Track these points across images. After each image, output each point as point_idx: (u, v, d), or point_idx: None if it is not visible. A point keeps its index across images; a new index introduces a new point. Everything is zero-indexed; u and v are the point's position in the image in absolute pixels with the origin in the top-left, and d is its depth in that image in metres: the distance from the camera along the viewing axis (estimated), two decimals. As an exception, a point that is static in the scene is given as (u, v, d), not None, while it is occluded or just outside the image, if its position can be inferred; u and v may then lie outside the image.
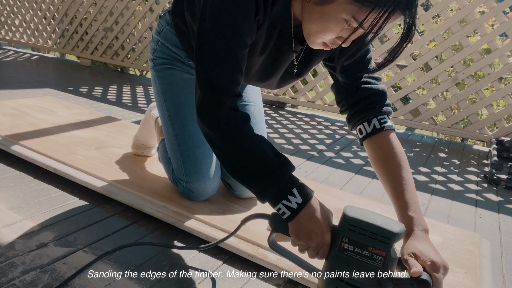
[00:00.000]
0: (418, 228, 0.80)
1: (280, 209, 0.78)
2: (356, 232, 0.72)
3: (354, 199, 1.36)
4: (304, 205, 0.77)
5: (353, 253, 0.72)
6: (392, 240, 0.70)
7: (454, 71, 3.24)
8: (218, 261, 0.99)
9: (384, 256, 0.70)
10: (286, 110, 3.16)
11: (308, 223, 0.76)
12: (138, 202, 1.16)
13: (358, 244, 0.72)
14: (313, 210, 0.77)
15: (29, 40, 4.57)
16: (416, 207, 0.84)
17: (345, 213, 0.74)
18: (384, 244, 0.70)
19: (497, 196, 1.73)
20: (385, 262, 0.70)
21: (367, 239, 0.71)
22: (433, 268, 0.70)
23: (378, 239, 0.70)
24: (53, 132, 1.65)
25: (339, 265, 0.73)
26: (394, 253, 0.71)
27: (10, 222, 1.05)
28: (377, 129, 0.93)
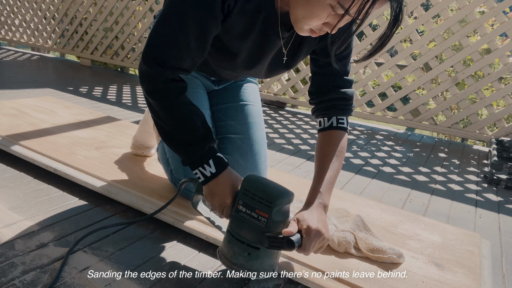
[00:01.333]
0: (317, 201, 0.93)
1: (197, 174, 0.91)
2: (249, 196, 0.85)
3: (354, 199, 1.36)
4: (216, 175, 0.90)
5: (245, 214, 0.86)
6: (274, 205, 0.82)
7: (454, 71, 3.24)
8: (218, 261, 0.99)
9: (267, 218, 0.82)
10: (286, 110, 3.16)
11: (216, 188, 0.91)
12: (138, 202, 1.16)
13: (248, 206, 0.85)
14: (222, 179, 0.90)
15: (29, 40, 4.57)
16: (328, 187, 0.97)
17: (244, 179, 0.87)
18: (267, 208, 0.82)
19: (497, 196, 1.73)
20: (268, 223, 0.83)
21: (255, 203, 0.84)
22: (305, 232, 0.84)
23: (263, 203, 0.83)
24: (53, 132, 1.65)
25: (234, 223, 0.88)
26: (278, 216, 0.83)
27: (10, 222, 1.05)
28: (333, 126, 1.04)
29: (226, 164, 0.92)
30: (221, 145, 1.23)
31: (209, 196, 0.92)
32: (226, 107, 1.27)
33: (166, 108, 0.90)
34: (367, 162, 2.01)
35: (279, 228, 0.84)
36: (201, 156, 0.90)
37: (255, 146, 1.22)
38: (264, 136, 1.29)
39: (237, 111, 1.26)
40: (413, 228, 1.19)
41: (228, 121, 1.25)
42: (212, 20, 0.85)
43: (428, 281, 0.94)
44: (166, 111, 0.90)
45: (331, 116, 1.05)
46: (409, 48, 2.68)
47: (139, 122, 2.20)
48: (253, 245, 0.85)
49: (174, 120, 0.90)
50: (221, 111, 1.27)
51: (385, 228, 1.17)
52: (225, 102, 1.27)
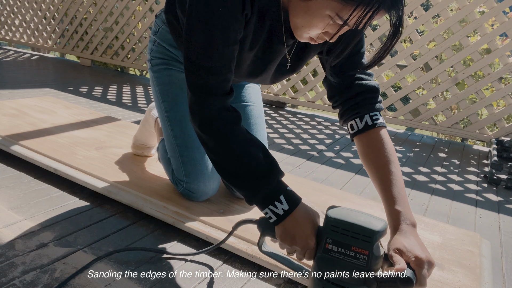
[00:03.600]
0: (405, 223, 0.80)
1: (267, 213, 0.81)
2: (339, 233, 0.73)
3: (354, 199, 1.36)
4: (290, 212, 0.79)
5: (337, 253, 0.74)
6: (374, 239, 0.71)
7: (454, 71, 3.24)
8: (218, 261, 0.99)
9: (367, 255, 0.71)
10: (286, 110, 3.16)
11: (293, 228, 0.79)
12: (138, 202, 1.16)
13: (341, 244, 0.73)
14: (298, 216, 0.79)
15: (29, 40, 4.57)
16: (404, 201, 0.84)
17: (328, 215, 0.75)
18: (366, 243, 0.71)
19: (497, 196, 1.73)
20: (369, 260, 0.71)
21: (349, 239, 0.72)
22: (417, 264, 0.71)
23: (360, 239, 0.71)
24: (53, 132, 1.65)
25: (325, 266, 0.75)
26: (378, 250, 0.72)
27: (10, 222, 1.05)
28: (369, 125, 0.93)
29: (299, 199, 0.82)
30: None
31: (286, 239, 0.80)
32: None
33: (221, 142, 0.82)
34: (367, 162, 2.01)
35: (379, 264, 0.74)
36: (270, 193, 0.80)
37: None
38: (265, 137, 1.29)
39: (246, 109, 1.26)
40: (413, 228, 1.19)
41: None
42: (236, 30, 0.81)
43: (428, 281, 0.94)
44: (222, 145, 0.82)
45: (363, 115, 0.94)
46: (409, 48, 2.69)
47: (139, 122, 2.20)
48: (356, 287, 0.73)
49: (233, 155, 0.82)
50: None
51: (385, 228, 1.17)
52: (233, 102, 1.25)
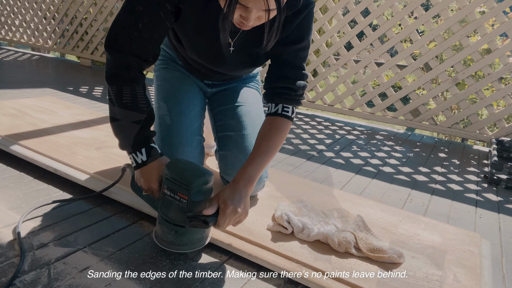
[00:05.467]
0: (241, 179, 0.98)
1: (130, 159, 1.02)
2: (171, 181, 0.93)
3: (354, 199, 1.36)
4: (146, 163, 1.00)
5: (169, 197, 0.94)
6: (191, 187, 0.89)
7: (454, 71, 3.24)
8: (218, 261, 0.99)
9: (187, 200, 0.91)
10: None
11: (144, 174, 1.01)
12: (138, 202, 1.16)
13: (172, 190, 0.93)
14: (152, 167, 1.00)
15: (29, 40, 4.57)
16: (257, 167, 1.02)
17: (166, 166, 0.95)
18: (186, 190, 0.90)
19: (497, 196, 1.73)
20: (188, 204, 0.91)
21: (176, 186, 0.92)
22: (222, 210, 0.91)
23: (182, 186, 0.91)
24: (53, 132, 1.65)
25: (162, 205, 0.97)
26: (197, 196, 0.91)
27: (10, 222, 1.05)
28: (278, 113, 1.10)
29: (158, 155, 1.01)
30: (222, 142, 1.28)
31: (138, 181, 1.05)
32: (225, 108, 1.32)
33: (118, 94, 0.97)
34: (367, 162, 2.01)
35: (200, 207, 0.92)
36: (135, 144, 0.99)
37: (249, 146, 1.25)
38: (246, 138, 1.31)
39: (235, 111, 1.31)
40: (413, 228, 1.19)
41: (227, 120, 1.30)
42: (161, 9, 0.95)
43: (427, 281, 0.94)
44: (119, 96, 0.97)
45: (277, 103, 1.10)
46: (409, 48, 2.68)
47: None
48: (178, 224, 0.94)
49: (122, 106, 0.98)
50: (221, 112, 1.33)
51: (385, 228, 1.17)
52: (224, 104, 1.33)
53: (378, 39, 2.81)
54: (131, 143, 0.99)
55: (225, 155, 1.25)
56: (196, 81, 1.33)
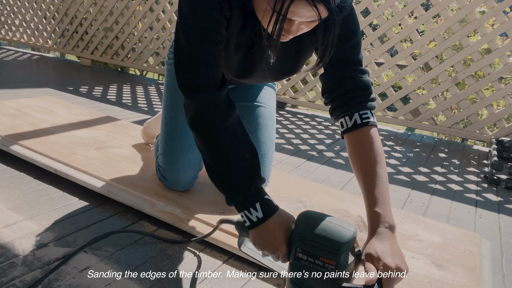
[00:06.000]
0: (383, 225, 0.80)
1: (242, 217, 0.83)
2: (307, 244, 0.74)
3: (354, 199, 1.36)
4: (263, 221, 0.81)
5: (307, 262, 0.75)
6: (340, 251, 0.71)
7: (454, 71, 3.24)
8: (218, 261, 0.99)
9: (335, 265, 0.72)
10: (286, 110, 3.16)
11: (265, 235, 0.81)
12: (138, 202, 1.16)
13: (310, 254, 0.74)
14: (271, 224, 0.81)
15: (29, 40, 4.57)
16: (385, 203, 0.83)
17: (296, 223, 0.77)
18: (333, 255, 0.72)
19: (497, 196, 1.73)
20: (337, 270, 0.72)
21: (317, 250, 0.73)
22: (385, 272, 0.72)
23: (327, 250, 0.72)
24: (53, 132, 1.65)
25: (296, 272, 0.76)
26: (346, 260, 0.73)
27: (10, 223, 1.05)
28: (358, 124, 0.90)
29: (275, 208, 0.83)
30: None
31: (258, 244, 0.83)
32: (239, 105, 1.27)
33: (207, 140, 0.84)
34: (367, 162, 2.00)
35: (349, 269, 0.75)
36: (247, 198, 0.82)
37: (262, 147, 1.24)
38: (273, 139, 1.29)
39: (249, 110, 1.27)
40: (413, 228, 1.19)
41: None
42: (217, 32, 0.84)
43: (428, 281, 0.94)
44: (208, 143, 0.84)
45: (352, 113, 0.91)
46: (409, 48, 2.68)
47: (139, 122, 2.20)
48: None
49: (217, 155, 0.84)
50: None
51: (385, 228, 1.17)
52: (238, 101, 1.28)
53: (378, 39, 2.81)
54: (240, 198, 0.82)
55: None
56: None
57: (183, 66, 0.86)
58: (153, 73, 4.41)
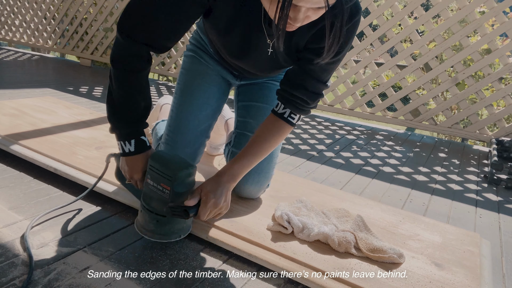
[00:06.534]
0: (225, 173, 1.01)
1: (118, 145, 1.02)
2: (154, 171, 0.95)
3: (354, 199, 1.36)
4: (132, 154, 1.01)
5: (152, 187, 0.97)
6: (174, 178, 0.92)
7: (454, 71, 3.24)
8: (218, 261, 0.99)
9: (169, 190, 0.93)
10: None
11: (129, 163, 1.03)
12: (138, 202, 1.16)
13: (155, 180, 0.96)
14: (137, 157, 1.01)
15: (29, 40, 4.57)
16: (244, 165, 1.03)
17: (150, 156, 0.97)
18: (169, 181, 0.92)
19: (497, 196, 1.73)
20: (171, 194, 0.93)
21: (159, 177, 0.94)
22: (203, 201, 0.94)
23: (166, 177, 0.93)
24: (53, 132, 1.65)
25: (144, 195, 1.00)
26: (180, 187, 0.93)
27: (10, 222, 1.05)
28: (283, 117, 1.06)
29: (146, 148, 1.02)
30: (237, 140, 1.27)
31: (122, 169, 1.06)
32: (250, 105, 1.29)
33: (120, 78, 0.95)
34: (367, 162, 2.01)
35: (182, 198, 0.94)
36: (127, 133, 1.00)
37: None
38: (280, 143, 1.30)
39: (259, 111, 1.28)
40: (413, 228, 1.19)
41: (248, 118, 1.28)
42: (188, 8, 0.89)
43: (428, 281, 0.94)
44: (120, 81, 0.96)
45: (286, 107, 1.06)
46: (409, 48, 2.68)
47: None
48: (159, 213, 0.96)
49: (122, 92, 0.96)
50: (245, 107, 1.30)
51: (385, 228, 1.17)
52: (250, 100, 1.30)
53: (378, 39, 2.81)
54: (122, 130, 0.99)
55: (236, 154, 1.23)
56: (223, 73, 1.27)
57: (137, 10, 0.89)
58: (153, 73, 4.41)
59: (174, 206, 0.93)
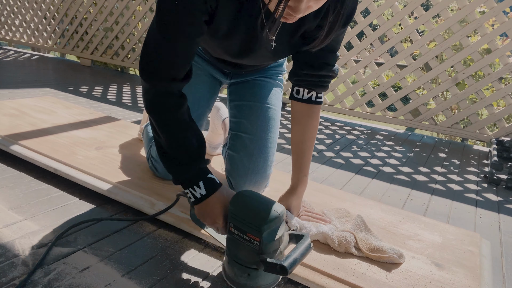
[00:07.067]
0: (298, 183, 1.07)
1: (188, 194, 0.93)
2: (237, 220, 0.83)
3: (354, 199, 1.36)
4: (206, 197, 0.91)
5: (238, 236, 0.84)
6: (262, 229, 0.79)
7: (454, 71, 3.24)
8: (218, 261, 0.99)
9: (259, 241, 0.80)
10: (286, 110, 3.16)
11: (206, 209, 0.92)
12: (138, 202, 1.16)
13: (240, 230, 0.83)
14: (212, 200, 0.91)
15: (29, 40, 4.57)
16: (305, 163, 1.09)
17: (230, 202, 0.85)
18: (257, 232, 0.80)
19: (497, 196, 1.73)
20: (261, 246, 0.80)
21: (245, 226, 0.82)
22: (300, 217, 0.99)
23: (252, 227, 0.80)
24: (53, 132, 1.65)
25: (230, 245, 0.87)
26: (270, 237, 0.80)
27: (10, 222, 1.05)
28: (312, 100, 1.07)
29: (218, 186, 0.92)
30: (232, 141, 1.25)
31: (201, 217, 0.94)
32: (242, 104, 1.27)
33: (161, 125, 0.90)
34: (367, 162, 2.01)
35: (274, 246, 0.82)
36: (192, 177, 0.91)
37: (262, 149, 1.22)
38: (275, 140, 1.28)
39: (252, 110, 1.25)
40: (413, 228, 1.19)
41: (241, 118, 1.25)
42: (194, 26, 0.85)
43: (428, 281, 0.94)
44: (161, 128, 0.90)
45: (311, 90, 1.06)
46: (409, 48, 2.68)
47: (139, 122, 2.20)
48: (250, 266, 0.83)
49: (168, 138, 0.91)
50: (238, 107, 1.28)
51: (385, 228, 1.17)
52: (242, 99, 1.28)
53: (378, 39, 2.81)
54: (186, 176, 0.91)
55: (232, 156, 1.23)
56: (213, 72, 1.27)
57: (151, 52, 0.87)
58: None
59: (268, 262, 0.79)
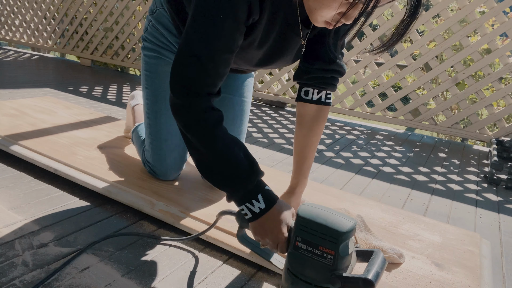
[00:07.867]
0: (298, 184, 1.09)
1: (243, 210, 0.85)
2: (307, 232, 0.74)
3: (354, 199, 1.36)
4: (266, 211, 0.83)
5: (306, 251, 0.75)
6: (340, 240, 0.71)
7: (454, 71, 3.24)
8: (218, 261, 0.99)
9: (333, 255, 0.72)
10: (286, 110, 3.16)
11: (266, 224, 0.83)
12: (138, 202, 1.16)
13: (309, 243, 0.74)
14: (273, 213, 0.83)
15: (29, 40, 4.57)
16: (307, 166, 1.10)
17: (298, 214, 0.76)
18: (333, 244, 0.71)
19: (497, 196, 1.73)
20: (335, 260, 0.72)
21: (317, 239, 0.73)
22: None
23: (327, 239, 0.72)
24: (53, 132, 1.65)
25: (294, 262, 0.77)
26: (345, 250, 0.72)
27: (10, 222, 1.05)
28: (321, 101, 1.06)
29: (276, 198, 0.85)
30: None
31: (259, 234, 0.85)
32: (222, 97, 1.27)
33: (205, 142, 0.83)
34: (367, 162, 2.01)
35: (347, 262, 0.74)
36: (249, 191, 0.83)
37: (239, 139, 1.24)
38: (245, 132, 1.34)
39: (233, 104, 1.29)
40: (413, 228, 1.19)
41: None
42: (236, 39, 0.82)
43: (428, 281, 0.94)
44: (206, 145, 0.83)
45: (321, 90, 1.04)
46: (409, 48, 2.68)
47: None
48: (321, 285, 0.74)
49: (216, 155, 0.83)
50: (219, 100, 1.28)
51: (385, 228, 1.17)
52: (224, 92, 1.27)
53: (378, 39, 2.81)
54: (241, 192, 0.83)
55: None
56: None
57: (188, 69, 0.81)
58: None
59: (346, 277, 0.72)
